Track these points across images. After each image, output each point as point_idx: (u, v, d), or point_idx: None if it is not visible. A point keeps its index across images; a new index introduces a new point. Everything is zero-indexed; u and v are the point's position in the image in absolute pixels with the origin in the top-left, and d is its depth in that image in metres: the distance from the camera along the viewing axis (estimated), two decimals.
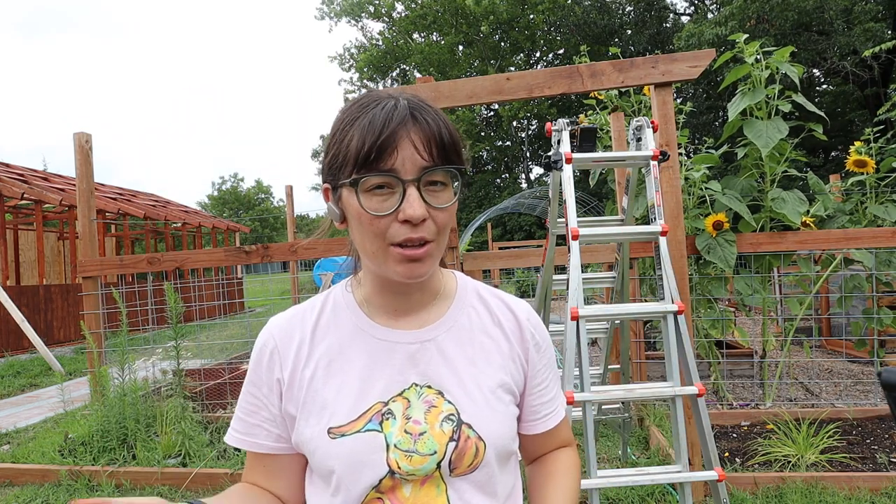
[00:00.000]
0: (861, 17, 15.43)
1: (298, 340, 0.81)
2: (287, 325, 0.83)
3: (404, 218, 0.70)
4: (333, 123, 0.77)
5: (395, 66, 29.65)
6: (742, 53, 3.37)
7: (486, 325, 0.85)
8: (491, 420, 0.79)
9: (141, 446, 3.20)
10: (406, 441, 0.75)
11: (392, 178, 0.70)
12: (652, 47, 22.63)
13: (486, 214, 13.78)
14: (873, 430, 3.07)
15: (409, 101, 0.73)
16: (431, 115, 0.72)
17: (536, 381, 0.87)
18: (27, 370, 6.94)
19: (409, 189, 0.70)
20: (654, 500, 2.54)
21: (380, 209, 0.71)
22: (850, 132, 18.52)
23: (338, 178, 0.74)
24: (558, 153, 2.00)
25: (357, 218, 0.73)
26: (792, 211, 3.20)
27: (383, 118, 0.70)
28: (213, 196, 50.34)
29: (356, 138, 0.71)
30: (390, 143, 0.69)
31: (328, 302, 0.86)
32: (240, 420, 0.83)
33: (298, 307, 0.86)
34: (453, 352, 0.81)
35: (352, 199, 0.73)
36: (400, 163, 0.70)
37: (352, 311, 0.83)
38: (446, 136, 0.72)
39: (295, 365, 0.80)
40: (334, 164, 0.74)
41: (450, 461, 0.76)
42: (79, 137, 3.66)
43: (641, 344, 3.83)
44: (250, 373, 0.83)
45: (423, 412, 0.77)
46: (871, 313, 3.48)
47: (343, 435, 0.75)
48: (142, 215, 12.15)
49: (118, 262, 3.62)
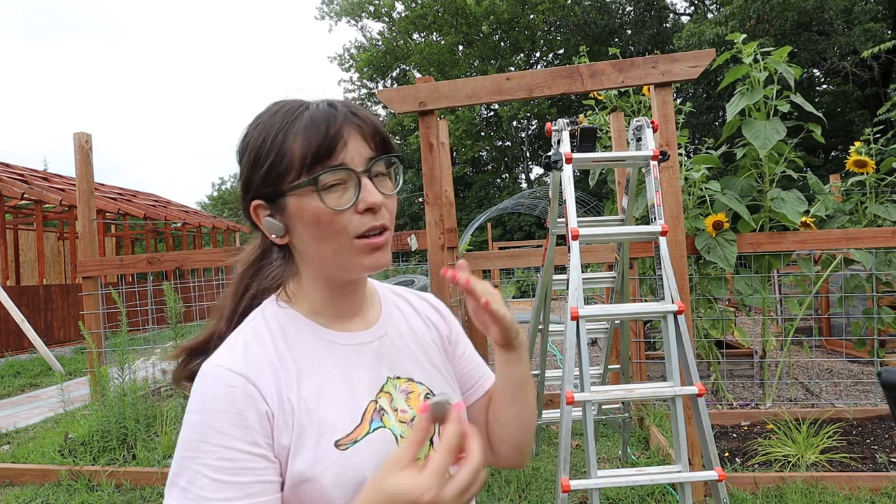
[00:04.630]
0: (861, 17, 15.42)
1: (270, 367, 0.72)
2: (245, 357, 0.72)
3: (365, 207, 0.72)
4: (252, 138, 0.75)
5: (395, 66, 29.64)
6: (740, 54, 3.37)
7: (411, 315, 0.91)
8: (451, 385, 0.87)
9: (141, 446, 3.20)
10: (405, 430, 0.78)
11: (346, 171, 0.71)
12: (652, 47, 22.62)
13: (486, 214, 13.78)
14: (873, 430, 3.07)
15: (338, 101, 0.75)
16: (364, 111, 0.75)
17: (459, 350, 0.94)
18: (27, 370, 6.94)
19: (363, 179, 0.72)
20: (654, 500, 2.54)
21: (339, 204, 0.71)
22: (850, 132, 18.52)
23: (280, 186, 0.72)
24: (558, 153, 2.00)
25: (314, 220, 0.72)
26: (791, 211, 3.20)
27: (325, 117, 0.71)
28: (213, 196, 50.35)
29: (299, 141, 0.71)
30: (338, 138, 0.71)
31: (269, 324, 0.77)
32: (228, 485, 0.66)
33: (238, 339, 0.75)
34: (401, 342, 0.86)
35: (307, 201, 0.71)
36: (349, 157, 0.72)
37: (304, 325, 0.79)
38: (381, 129, 0.76)
39: (279, 392, 0.72)
40: (272, 173, 0.72)
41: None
42: (79, 137, 3.66)
43: (641, 344, 3.83)
44: (219, 426, 0.67)
45: (405, 400, 0.80)
46: (871, 313, 3.48)
47: (355, 442, 0.73)
48: (142, 215, 12.16)
49: (118, 262, 3.63)
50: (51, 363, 6.56)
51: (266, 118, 0.75)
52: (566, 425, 1.72)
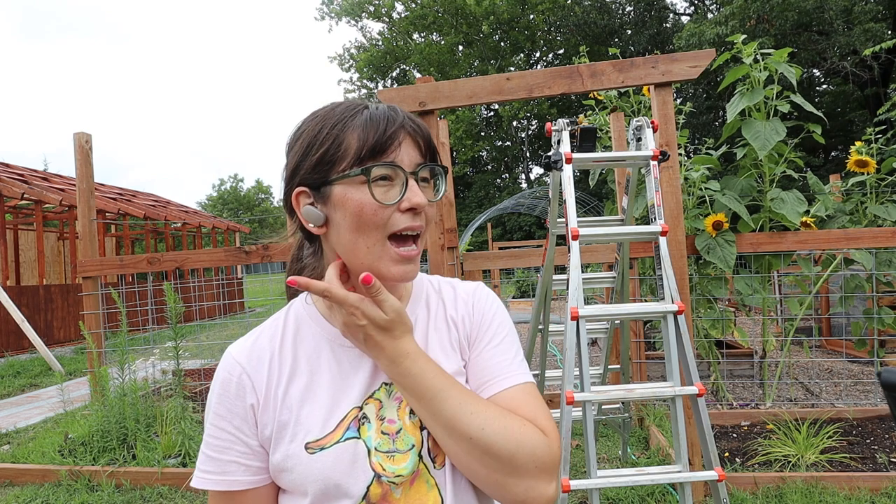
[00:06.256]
0: (861, 17, 15.42)
1: (268, 361, 0.79)
2: (251, 348, 0.81)
3: (409, 206, 0.74)
4: (309, 127, 0.78)
5: (395, 66, 29.64)
6: (740, 54, 3.37)
7: (440, 316, 0.87)
8: None
9: (141, 446, 3.20)
10: (385, 442, 0.76)
11: (397, 168, 0.74)
12: (652, 47, 22.62)
13: (486, 214, 13.78)
14: (873, 430, 3.07)
15: (398, 107, 0.79)
16: (418, 121, 0.79)
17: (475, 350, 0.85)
18: (27, 370, 6.94)
19: (411, 180, 0.75)
20: (654, 500, 2.54)
21: (386, 198, 0.74)
22: (850, 132, 18.53)
23: (328, 175, 0.75)
24: (558, 153, 2.00)
25: (357, 211, 0.73)
26: (791, 211, 3.20)
27: (383, 117, 0.75)
28: (213, 196, 50.36)
29: (357, 134, 0.74)
30: (395, 137, 0.74)
31: (290, 318, 0.85)
32: (210, 459, 0.77)
33: (258, 330, 0.84)
34: None
35: (353, 191, 0.74)
36: (401, 157, 0.75)
37: (316, 322, 0.83)
38: (432, 141, 0.80)
39: (268, 386, 0.78)
40: (324, 160, 0.75)
41: (429, 449, 0.77)
42: (79, 137, 3.66)
43: (641, 344, 3.84)
44: (215, 407, 0.78)
45: (395, 409, 0.79)
46: (871, 313, 3.48)
47: (323, 448, 0.74)
48: (142, 215, 12.16)
49: (118, 262, 3.62)
50: (51, 363, 6.56)
51: (325, 112, 0.79)
52: (566, 425, 1.72)
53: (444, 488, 0.77)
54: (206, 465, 0.77)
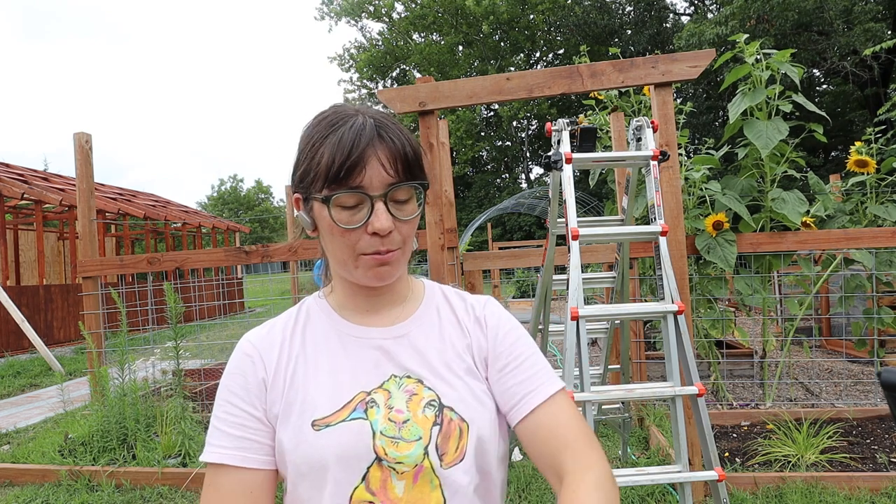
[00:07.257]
0: (861, 17, 15.42)
1: (279, 344, 0.84)
2: (266, 334, 0.86)
3: (373, 231, 0.75)
4: (302, 138, 0.81)
5: (394, 66, 29.64)
6: (742, 54, 3.36)
7: (451, 321, 0.89)
8: (471, 400, 0.81)
9: (141, 446, 3.20)
10: (391, 428, 0.77)
11: (361, 194, 0.75)
12: (652, 47, 22.62)
13: (486, 214, 13.78)
14: (873, 430, 3.07)
15: (375, 120, 0.77)
16: (396, 133, 0.77)
17: (500, 364, 0.84)
18: (27, 370, 6.93)
19: (377, 204, 0.75)
20: (654, 500, 2.54)
21: (350, 222, 0.76)
22: (850, 132, 18.53)
23: (309, 191, 0.78)
24: (558, 153, 2.00)
25: (328, 230, 0.78)
26: (792, 211, 3.20)
27: (352, 137, 0.74)
28: (213, 197, 50.31)
29: (326, 156, 0.75)
30: (359, 161, 0.74)
31: (301, 311, 0.89)
32: (225, 434, 0.78)
33: (272, 321, 0.89)
34: (425, 345, 0.85)
35: (323, 212, 0.77)
36: (368, 180, 0.74)
37: (326, 314, 0.87)
38: (410, 153, 0.77)
39: (278, 366, 0.82)
40: (305, 177, 0.78)
41: (436, 446, 0.77)
42: (79, 137, 3.66)
43: (641, 344, 3.83)
44: (229, 383, 0.81)
45: (405, 401, 0.79)
46: (871, 313, 3.48)
47: (329, 426, 0.76)
48: (142, 215, 12.15)
49: (118, 262, 3.62)
50: (51, 363, 6.56)
51: (315, 123, 0.80)
52: None
53: (448, 491, 0.76)
54: (221, 440, 0.78)
